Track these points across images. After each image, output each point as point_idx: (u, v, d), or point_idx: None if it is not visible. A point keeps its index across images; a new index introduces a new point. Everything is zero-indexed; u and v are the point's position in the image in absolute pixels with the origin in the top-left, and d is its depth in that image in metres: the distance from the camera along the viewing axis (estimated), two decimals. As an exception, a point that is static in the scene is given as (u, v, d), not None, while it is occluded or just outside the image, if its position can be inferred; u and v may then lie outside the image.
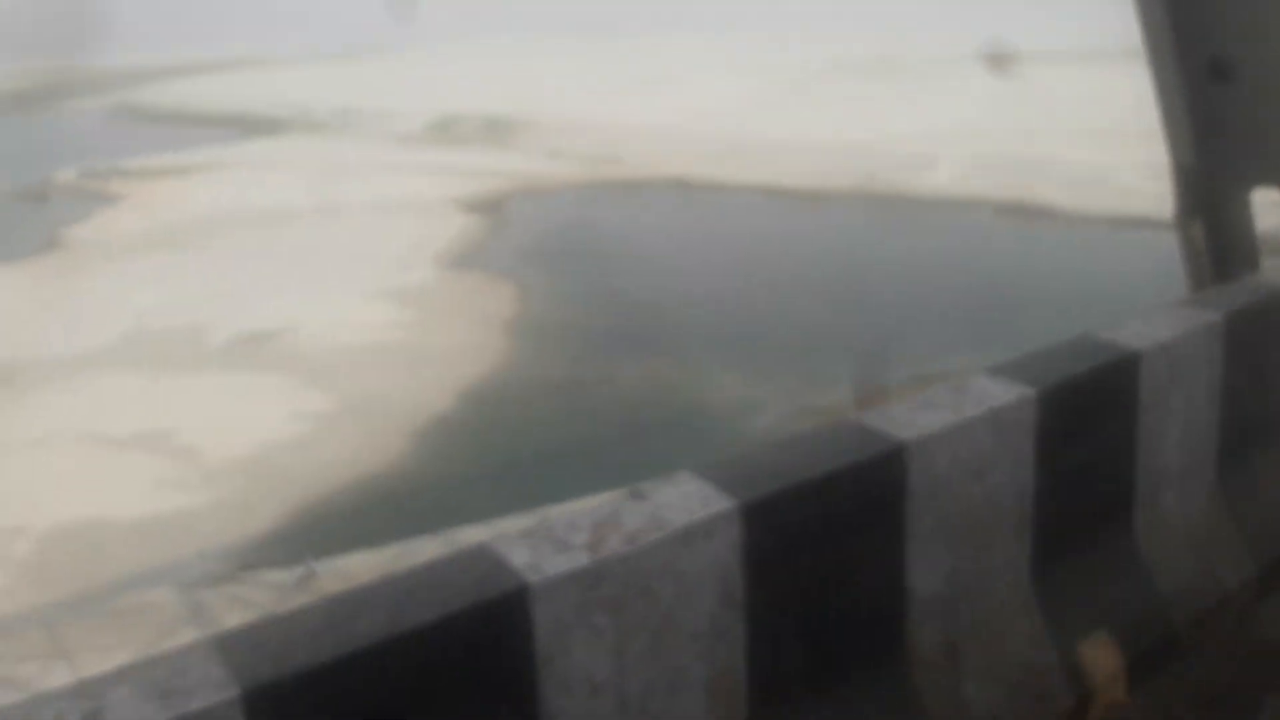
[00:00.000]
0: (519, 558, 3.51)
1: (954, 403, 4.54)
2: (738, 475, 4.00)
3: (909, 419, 4.41)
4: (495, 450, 41.89)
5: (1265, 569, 5.54)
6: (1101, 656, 4.75)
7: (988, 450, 4.48)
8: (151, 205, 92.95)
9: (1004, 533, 4.60)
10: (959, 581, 4.43)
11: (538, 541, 3.59)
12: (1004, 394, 4.61)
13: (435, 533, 35.63)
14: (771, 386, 47.28)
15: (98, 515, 37.88)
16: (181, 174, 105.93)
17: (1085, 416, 4.91)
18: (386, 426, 44.47)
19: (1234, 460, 5.64)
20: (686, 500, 3.83)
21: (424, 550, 34.91)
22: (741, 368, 49.42)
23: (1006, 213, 72.94)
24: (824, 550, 4.06)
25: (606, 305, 59.45)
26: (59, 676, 29.10)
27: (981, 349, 48.58)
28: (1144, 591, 5.07)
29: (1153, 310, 5.47)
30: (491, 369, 51.27)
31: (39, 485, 40.12)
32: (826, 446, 4.37)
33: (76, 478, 40.79)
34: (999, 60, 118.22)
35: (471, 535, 35.31)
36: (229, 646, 3.03)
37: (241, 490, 39.63)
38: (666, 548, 3.55)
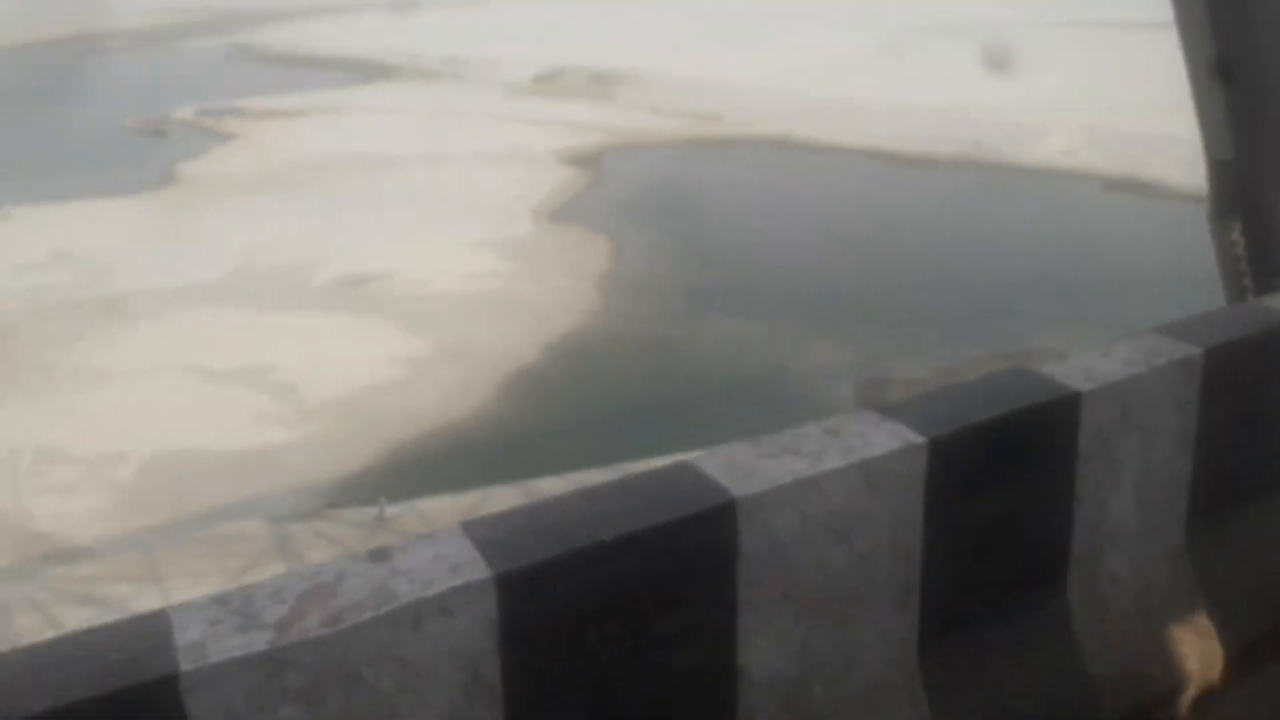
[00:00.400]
0: (189, 634, 2.83)
1: (818, 449, 3.86)
2: (496, 535, 3.27)
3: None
4: (577, 404, 42.37)
5: (1237, 651, 4.76)
6: None
7: (856, 509, 3.78)
8: (264, 145, 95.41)
9: (879, 603, 3.90)
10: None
11: (219, 615, 2.93)
12: (886, 442, 3.88)
13: (513, 482, 36.44)
14: (856, 354, 46.89)
15: (197, 446, 39.41)
16: (294, 116, 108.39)
17: (995, 467, 4.15)
18: (477, 375, 45.28)
19: (1208, 520, 4.88)
20: (434, 565, 3.13)
21: (501, 498, 35.70)
22: (829, 333, 49.05)
23: (1116, 188, 70.67)
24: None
25: (698, 263, 59.37)
26: (149, 600, 30.60)
27: (1072, 329, 47.52)
28: (1070, 675, 4.38)
29: (1119, 340, 4.71)
30: (581, 323, 51.73)
31: (144, 413, 41.85)
32: (597, 505, 3.64)
33: (180, 408, 42.45)
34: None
35: (549, 485, 36.00)
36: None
37: (335, 429, 40.83)
38: (385, 628, 2.95)
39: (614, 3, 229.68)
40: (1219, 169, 6.63)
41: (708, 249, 61.76)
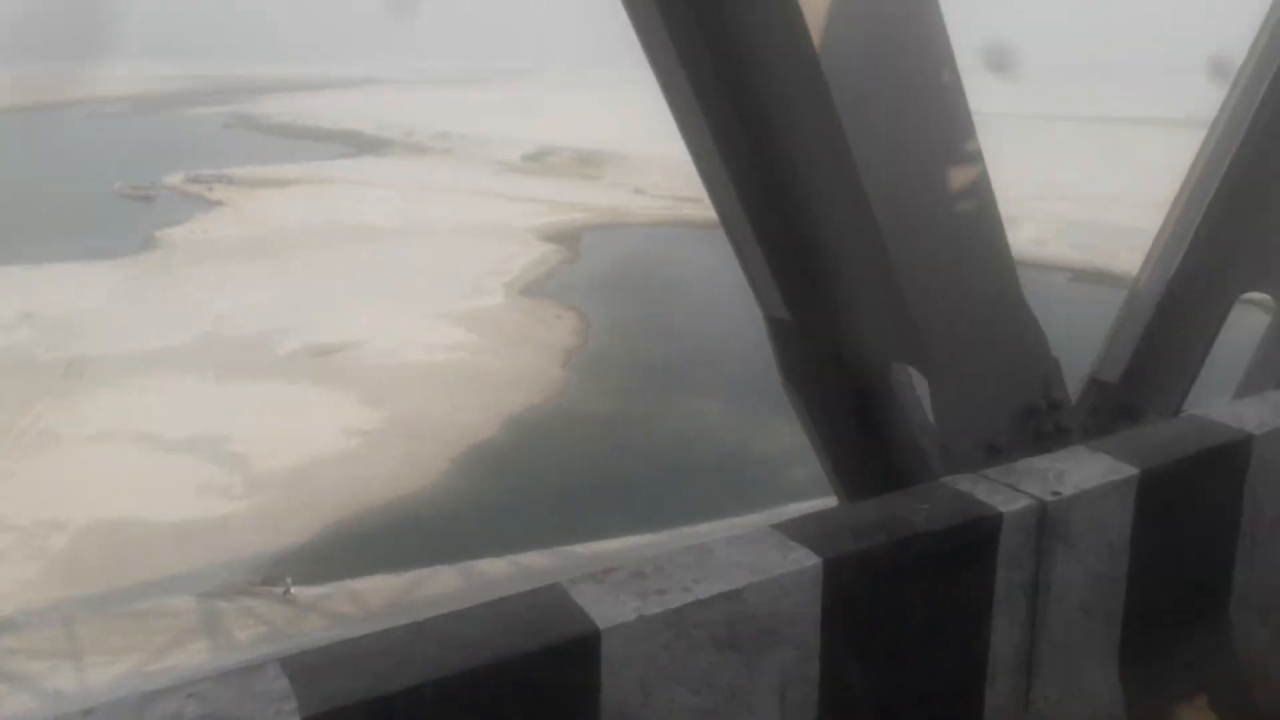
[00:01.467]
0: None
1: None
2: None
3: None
4: (529, 482, 41.80)
5: None
6: None
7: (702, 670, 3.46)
8: (248, 214, 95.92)
9: None
10: None
11: None
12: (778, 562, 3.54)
13: (453, 562, 35.80)
14: (819, 440, 46.44)
15: (138, 516, 38.73)
16: (281, 185, 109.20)
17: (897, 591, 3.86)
18: (429, 449, 44.78)
19: (1137, 659, 4.56)
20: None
21: (443, 579, 35.05)
22: (788, 416, 48.53)
23: (1083, 279, 70.85)
24: None
25: (666, 342, 59.24)
26: (64, 678, 29.81)
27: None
28: None
29: (1046, 458, 4.25)
30: (543, 398, 51.38)
31: (88, 481, 41.23)
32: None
33: (125, 476, 41.85)
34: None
35: (489, 568, 35.38)
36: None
37: (279, 502, 40.21)
38: None
39: (623, 88, 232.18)
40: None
41: (674, 327, 61.70)
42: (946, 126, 4.84)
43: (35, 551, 36.14)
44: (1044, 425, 5.07)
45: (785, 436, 47.39)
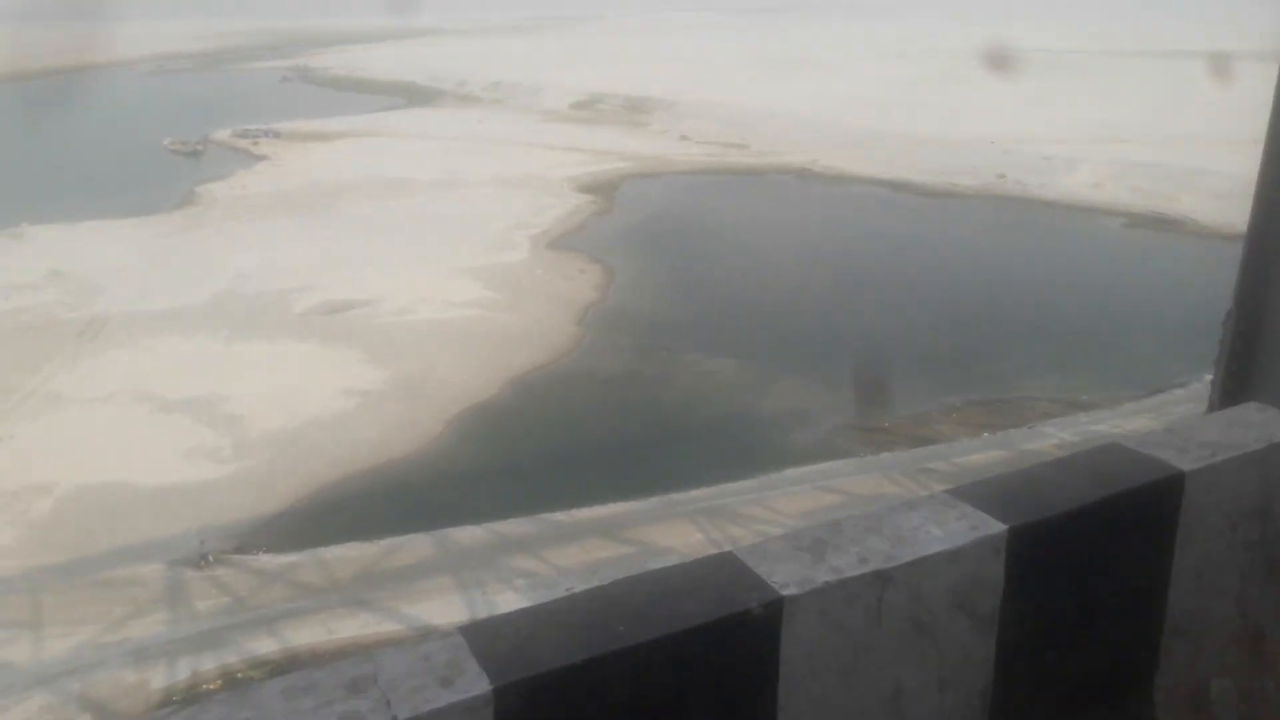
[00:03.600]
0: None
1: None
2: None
3: None
4: (523, 446, 40.46)
5: None
6: None
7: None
8: (289, 168, 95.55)
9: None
10: None
11: None
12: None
13: (430, 529, 34.68)
14: (829, 399, 44.32)
15: (124, 480, 38.23)
16: (327, 139, 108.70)
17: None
18: (427, 411, 43.64)
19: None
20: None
21: (414, 547, 33.96)
22: (805, 375, 46.56)
23: (1140, 225, 66.87)
24: None
25: (690, 297, 57.29)
26: (19, 650, 29.37)
27: (1060, 377, 44.53)
28: None
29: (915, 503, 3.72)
30: (553, 356, 49.90)
31: (83, 443, 40.87)
32: None
33: (119, 438, 41.40)
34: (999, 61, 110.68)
35: (466, 536, 34.20)
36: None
37: (266, 466, 39.42)
38: None
39: (679, 33, 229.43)
40: None
41: (701, 281, 59.74)
42: None
43: (15, 517, 35.83)
44: None
45: (792, 397, 45.50)
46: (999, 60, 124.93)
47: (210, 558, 33.18)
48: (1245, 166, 7.14)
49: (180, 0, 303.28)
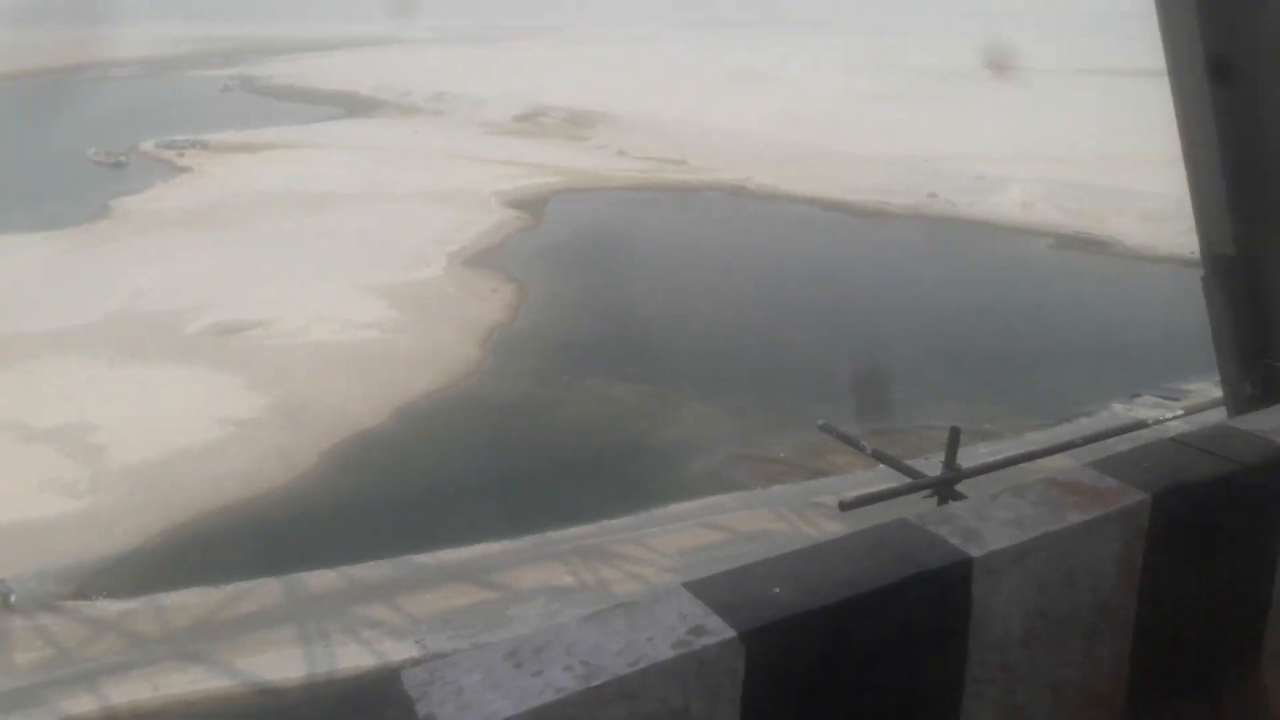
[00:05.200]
0: None
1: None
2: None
3: None
4: (400, 479, 38.29)
5: None
6: None
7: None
8: (211, 180, 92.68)
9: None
10: None
11: None
12: None
13: (281, 574, 32.45)
14: (729, 426, 42.47)
15: (-33, 515, 35.79)
16: (255, 150, 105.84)
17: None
18: (302, 441, 41.37)
19: None
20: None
21: (263, 593, 31.73)
22: (709, 400, 44.74)
23: (1067, 246, 65.57)
24: None
25: (602, 317, 55.36)
26: None
27: (967, 405, 42.99)
28: None
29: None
30: (449, 381, 47.79)
31: (-66, 475, 38.39)
32: None
33: (-26, 470, 38.95)
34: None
35: (319, 581, 32.02)
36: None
37: (121, 501, 37.02)
38: None
39: (632, 44, 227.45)
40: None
41: (615, 301, 57.83)
42: None
43: None
44: None
45: (690, 425, 43.60)
46: (958, 76, 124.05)
47: (12, 598, 30.84)
48: (1175, 187, 7.38)
49: (160, 5, 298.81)
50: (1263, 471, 4.06)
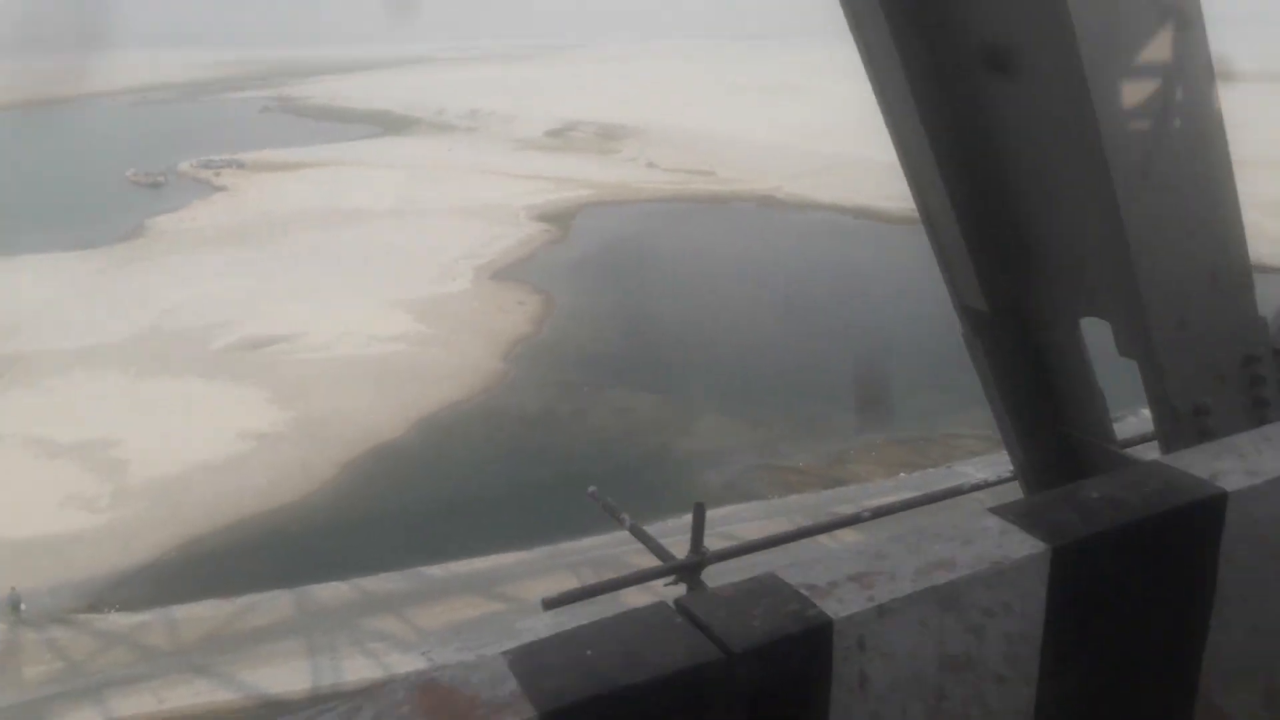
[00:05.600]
0: None
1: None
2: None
3: None
4: (417, 491, 38.11)
5: None
6: None
7: None
8: (245, 199, 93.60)
9: None
10: None
11: None
12: None
13: (294, 586, 32.32)
14: (749, 438, 41.90)
15: (-12, 530, 36.04)
16: (290, 169, 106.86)
17: None
18: (323, 454, 41.34)
19: None
20: None
21: (273, 606, 31.59)
22: (730, 413, 44.19)
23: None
24: None
25: (625, 330, 55.02)
26: None
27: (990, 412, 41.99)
28: None
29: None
30: (469, 394, 47.62)
31: (-42, 491, 38.72)
32: None
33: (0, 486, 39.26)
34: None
35: (330, 594, 31.84)
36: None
37: (140, 516, 37.11)
38: None
39: (659, 58, 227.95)
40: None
41: (639, 314, 57.44)
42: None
43: None
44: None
45: (711, 436, 43.08)
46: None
47: (23, 607, 30.91)
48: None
49: (184, 30, 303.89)
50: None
